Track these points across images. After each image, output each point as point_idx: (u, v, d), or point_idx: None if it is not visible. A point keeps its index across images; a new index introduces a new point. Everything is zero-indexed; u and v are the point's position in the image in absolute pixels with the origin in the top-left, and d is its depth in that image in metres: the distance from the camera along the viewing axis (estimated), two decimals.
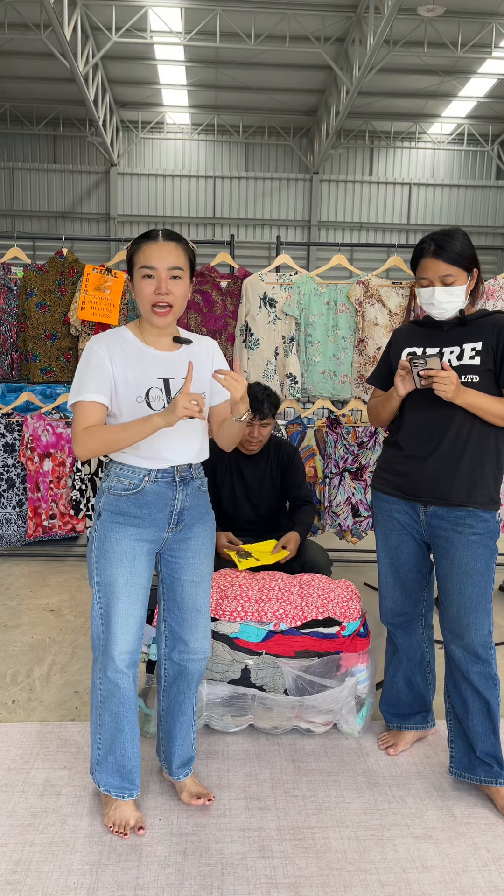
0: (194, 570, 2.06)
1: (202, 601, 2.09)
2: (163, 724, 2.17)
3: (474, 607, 2.13)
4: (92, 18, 11.74)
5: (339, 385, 4.17)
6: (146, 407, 1.91)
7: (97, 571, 1.97)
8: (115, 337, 1.95)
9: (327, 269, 4.20)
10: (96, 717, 2.05)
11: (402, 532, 2.28)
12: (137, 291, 1.91)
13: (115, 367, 1.90)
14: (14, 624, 3.51)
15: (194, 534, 2.05)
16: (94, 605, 2.00)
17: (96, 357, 1.90)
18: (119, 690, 1.99)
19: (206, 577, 2.09)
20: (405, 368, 2.13)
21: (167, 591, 2.09)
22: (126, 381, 1.91)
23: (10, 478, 4.34)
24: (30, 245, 16.24)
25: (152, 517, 1.97)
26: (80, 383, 1.90)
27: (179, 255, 1.90)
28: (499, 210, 17.73)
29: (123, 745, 2.03)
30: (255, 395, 2.99)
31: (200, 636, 2.09)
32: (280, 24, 11.76)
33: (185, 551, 2.05)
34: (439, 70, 13.48)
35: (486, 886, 1.88)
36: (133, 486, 1.94)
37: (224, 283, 4.23)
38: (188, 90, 15.01)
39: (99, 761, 2.06)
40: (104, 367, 1.90)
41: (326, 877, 1.89)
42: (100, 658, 2.01)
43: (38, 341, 4.36)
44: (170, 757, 2.16)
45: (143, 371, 1.92)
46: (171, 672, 2.12)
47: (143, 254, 1.89)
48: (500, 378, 2.08)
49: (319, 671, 2.41)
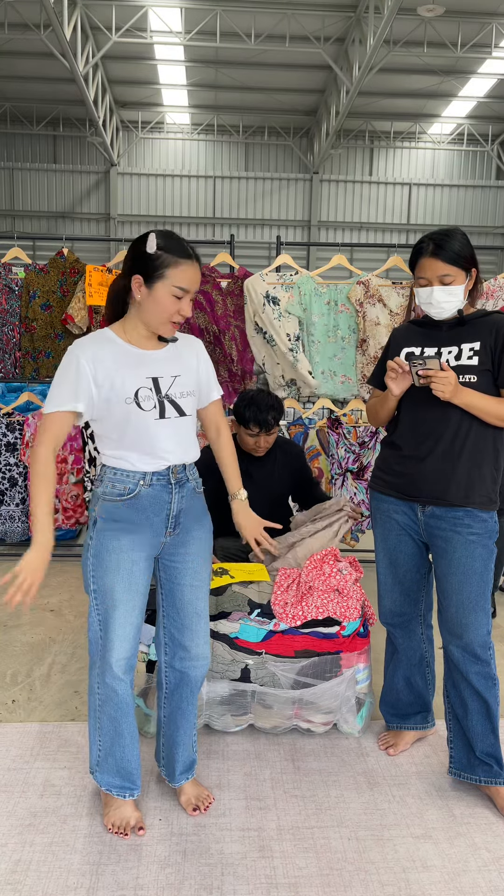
0: (193, 573, 2.04)
1: (202, 605, 2.07)
2: (165, 731, 2.15)
3: (473, 608, 2.13)
4: (92, 18, 11.74)
5: (339, 385, 4.18)
6: (136, 407, 1.88)
7: (94, 579, 1.94)
8: (97, 341, 1.90)
9: (327, 269, 4.21)
10: (95, 720, 2.04)
11: (401, 532, 2.28)
12: (157, 301, 1.85)
13: (100, 371, 1.85)
14: (14, 624, 3.51)
15: (192, 537, 2.04)
16: (92, 610, 1.99)
17: (74, 364, 1.85)
18: (117, 695, 1.98)
19: (205, 580, 2.08)
20: (395, 370, 2.13)
21: (166, 597, 2.06)
22: (113, 385, 1.86)
23: (12, 476, 4.35)
24: (30, 245, 16.23)
25: (149, 521, 1.94)
26: (52, 393, 1.88)
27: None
28: (499, 210, 17.73)
29: (123, 748, 2.03)
30: (258, 406, 2.93)
31: (201, 641, 2.07)
32: (280, 24, 11.75)
33: (183, 555, 2.03)
34: (439, 70, 13.47)
35: (486, 886, 1.88)
36: (128, 490, 1.92)
37: (224, 283, 4.23)
38: (188, 90, 15.00)
39: (99, 762, 2.06)
40: (82, 373, 1.84)
41: (326, 877, 1.89)
42: (97, 663, 1.99)
43: (48, 341, 4.37)
44: (173, 763, 2.14)
45: (130, 372, 1.89)
46: (173, 680, 2.10)
47: (181, 273, 1.84)
48: (498, 378, 2.08)
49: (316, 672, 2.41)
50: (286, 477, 3.16)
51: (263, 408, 2.92)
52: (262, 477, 3.10)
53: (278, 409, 2.98)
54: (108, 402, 1.87)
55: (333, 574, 2.50)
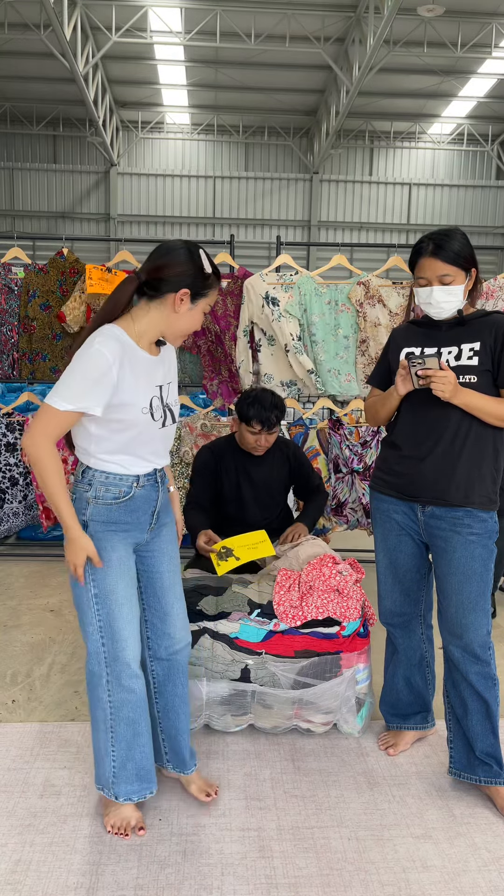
0: (170, 558, 2.12)
1: (179, 589, 2.15)
2: (163, 725, 2.16)
3: (473, 608, 2.13)
4: (92, 18, 11.74)
5: (345, 383, 4.17)
6: (149, 417, 1.90)
7: (94, 584, 1.94)
8: (122, 343, 1.84)
9: (328, 269, 4.21)
10: (106, 733, 2.01)
11: (401, 532, 2.28)
12: (193, 316, 1.92)
13: (123, 379, 1.82)
14: (14, 624, 3.51)
15: (162, 523, 2.09)
16: (91, 620, 1.96)
17: (103, 367, 1.78)
18: (134, 695, 1.99)
19: (178, 563, 2.16)
20: (405, 368, 2.13)
21: (146, 587, 2.10)
22: (136, 391, 1.85)
23: (13, 476, 4.36)
24: (30, 245, 16.23)
25: (138, 521, 1.99)
26: (69, 388, 1.78)
27: None
28: (499, 210, 17.73)
29: (142, 748, 2.03)
30: (262, 404, 2.93)
31: (181, 624, 2.14)
32: (280, 24, 11.76)
33: (158, 542, 2.09)
34: (439, 70, 13.47)
35: (486, 886, 1.88)
36: (123, 493, 1.93)
37: (224, 283, 4.23)
38: (188, 90, 15.01)
39: (116, 773, 2.02)
40: (109, 378, 1.79)
41: (326, 877, 1.89)
42: (105, 672, 1.97)
43: (46, 342, 4.37)
44: (180, 752, 2.17)
45: (145, 381, 1.89)
46: (161, 671, 2.13)
47: (215, 293, 1.95)
48: (497, 378, 2.08)
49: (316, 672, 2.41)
50: (284, 474, 3.18)
51: (267, 406, 2.94)
52: (260, 476, 3.11)
53: (281, 409, 3.00)
54: (121, 407, 1.84)
55: (333, 575, 2.50)
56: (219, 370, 4.30)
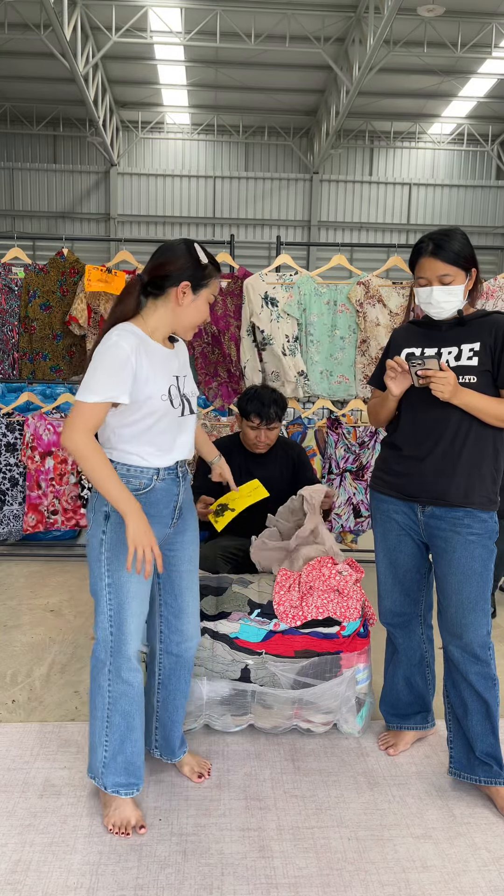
0: (190, 559, 2.16)
1: (196, 588, 2.20)
2: (160, 714, 2.24)
3: (472, 608, 2.13)
4: (92, 18, 11.74)
5: (335, 385, 4.17)
6: (169, 404, 1.94)
7: (108, 573, 1.97)
8: (138, 336, 1.91)
9: (327, 269, 4.21)
10: (102, 721, 2.05)
11: (401, 532, 2.28)
12: (198, 307, 1.98)
13: (141, 367, 1.88)
14: (14, 624, 3.51)
15: (188, 525, 2.14)
16: (103, 608, 2.00)
17: (123, 355, 1.84)
18: (132, 689, 2.03)
19: (196, 563, 2.21)
20: (394, 369, 2.14)
21: (165, 584, 2.14)
22: (150, 381, 1.90)
23: (13, 476, 4.36)
24: (30, 245, 16.23)
25: (159, 514, 2.01)
26: (95, 382, 1.83)
27: None
28: (499, 210, 17.73)
29: (134, 743, 2.06)
30: (261, 400, 2.97)
31: (195, 621, 2.19)
32: (280, 24, 11.75)
33: (182, 542, 2.13)
34: (439, 70, 13.47)
35: (486, 886, 1.88)
36: (143, 486, 1.97)
37: (224, 283, 4.23)
38: (188, 90, 15.00)
39: (106, 764, 2.06)
40: (129, 366, 1.85)
41: (326, 877, 1.89)
42: (108, 661, 2.01)
43: (46, 341, 4.37)
44: (170, 741, 2.24)
45: (162, 371, 1.95)
46: (168, 665, 2.19)
47: (216, 283, 2.01)
48: (497, 379, 2.08)
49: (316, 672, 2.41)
50: (288, 475, 3.20)
51: (266, 401, 2.99)
52: (264, 476, 3.12)
53: (280, 405, 3.04)
54: (141, 397, 1.89)
55: (333, 575, 2.50)
56: (215, 372, 4.30)
